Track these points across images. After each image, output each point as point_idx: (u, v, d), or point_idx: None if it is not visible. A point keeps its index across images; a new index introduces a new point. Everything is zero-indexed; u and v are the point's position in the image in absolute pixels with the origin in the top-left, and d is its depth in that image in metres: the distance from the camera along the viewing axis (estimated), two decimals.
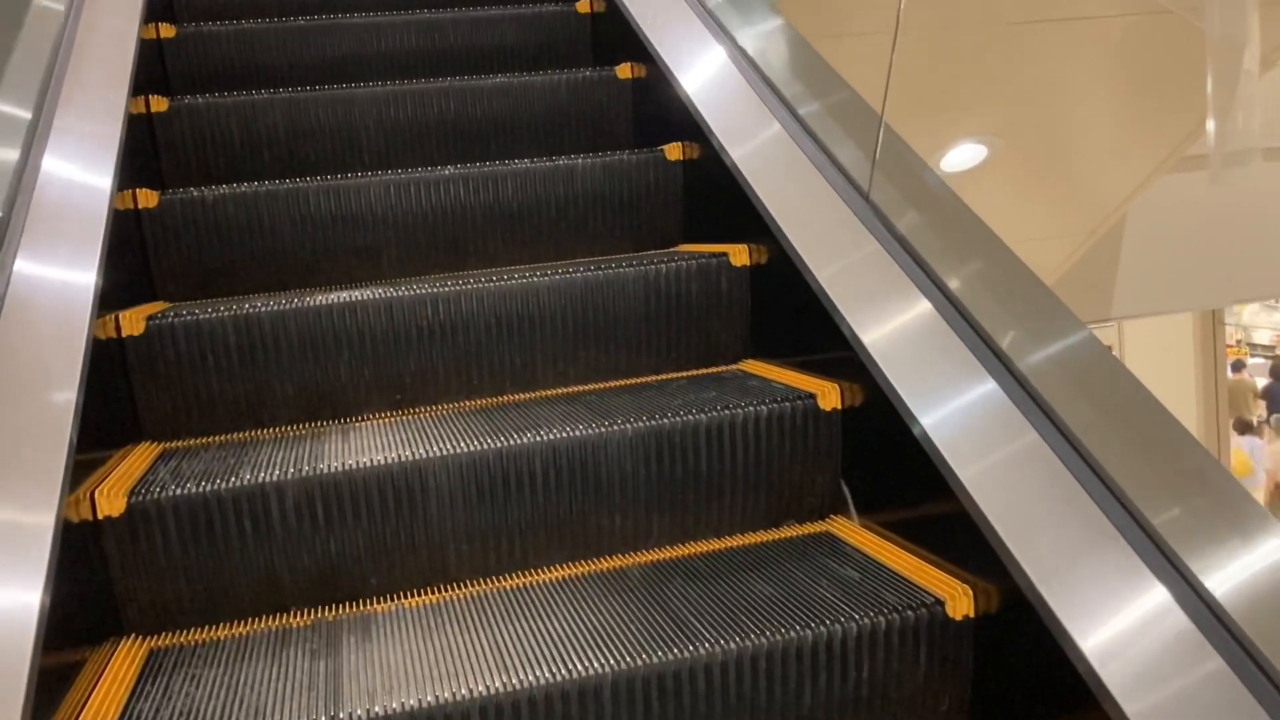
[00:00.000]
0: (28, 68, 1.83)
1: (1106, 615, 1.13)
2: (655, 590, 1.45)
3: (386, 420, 1.79)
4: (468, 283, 1.85)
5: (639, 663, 1.25)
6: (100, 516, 1.42)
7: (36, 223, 1.56)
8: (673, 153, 2.26)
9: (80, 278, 1.58)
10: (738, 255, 1.95)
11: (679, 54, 2.37)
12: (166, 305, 1.90)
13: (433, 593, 1.53)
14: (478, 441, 1.55)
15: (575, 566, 1.58)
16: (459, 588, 1.54)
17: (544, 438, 1.56)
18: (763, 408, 1.63)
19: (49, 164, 1.70)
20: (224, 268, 2.08)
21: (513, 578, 1.56)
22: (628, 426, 1.59)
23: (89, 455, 1.45)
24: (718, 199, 2.10)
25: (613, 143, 2.56)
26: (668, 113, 2.32)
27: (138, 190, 2.00)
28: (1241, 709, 1.01)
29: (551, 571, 1.56)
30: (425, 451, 1.53)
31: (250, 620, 1.49)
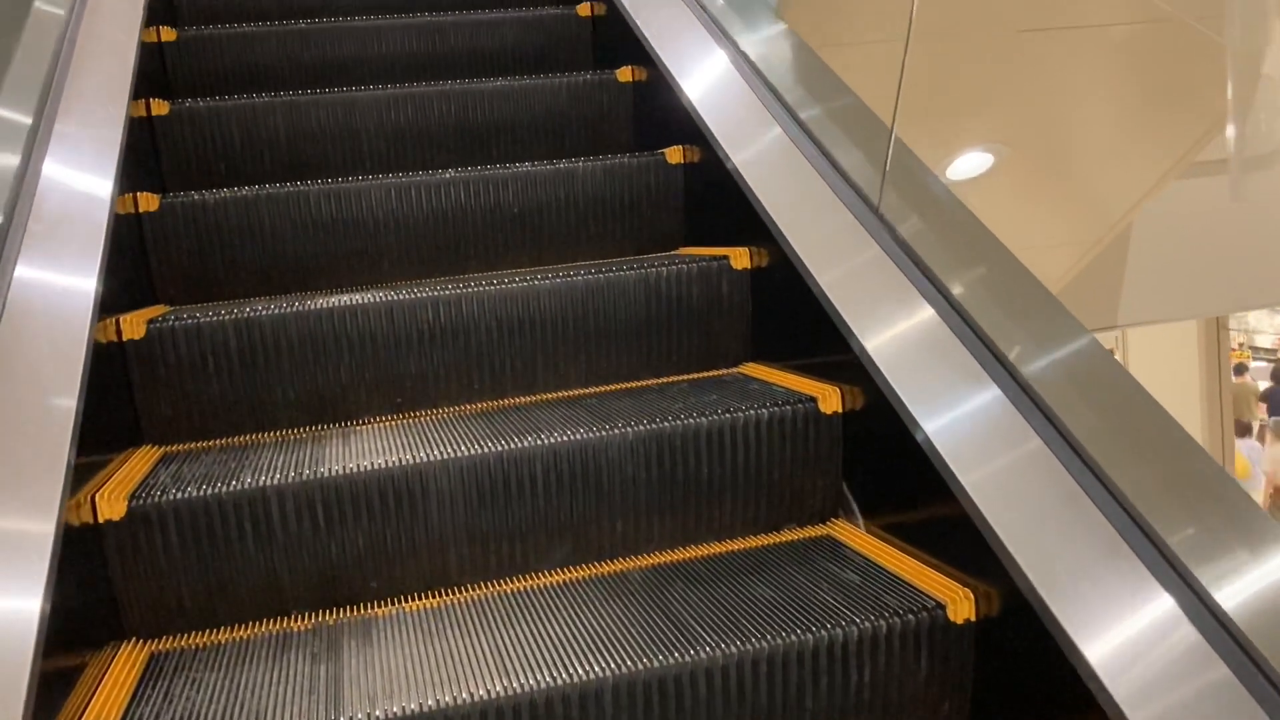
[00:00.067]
0: (28, 72, 1.83)
1: (1109, 621, 1.12)
2: (656, 594, 1.45)
3: (387, 423, 1.79)
4: (468, 286, 1.85)
5: (640, 666, 1.25)
6: (101, 520, 1.42)
7: (37, 226, 1.56)
8: (673, 156, 2.26)
9: (81, 281, 1.58)
10: (738, 258, 1.95)
11: (680, 57, 2.37)
12: (167, 309, 1.91)
13: (433, 596, 1.53)
14: (478, 445, 1.55)
15: (576, 570, 1.57)
16: (460, 591, 1.54)
17: (545, 441, 1.56)
18: (763, 411, 1.63)
19: (50, 167, 1.70)
20: (225, 271, 2.08)
21: (513, 581, 1.56)
22: (629, 430, 1.59)
23: (90, 459, 1.45)
24: (719, 202, 2.10)
25: (613, 146, 2.56)
26: (668, 116, 2.32)
27: (138, 194, 2.00)
28: (1246, 718, 1.00)
29: (552, 575, 1.56)
30: (426, 455, 1.53)
31: (251, 624, 1.49)
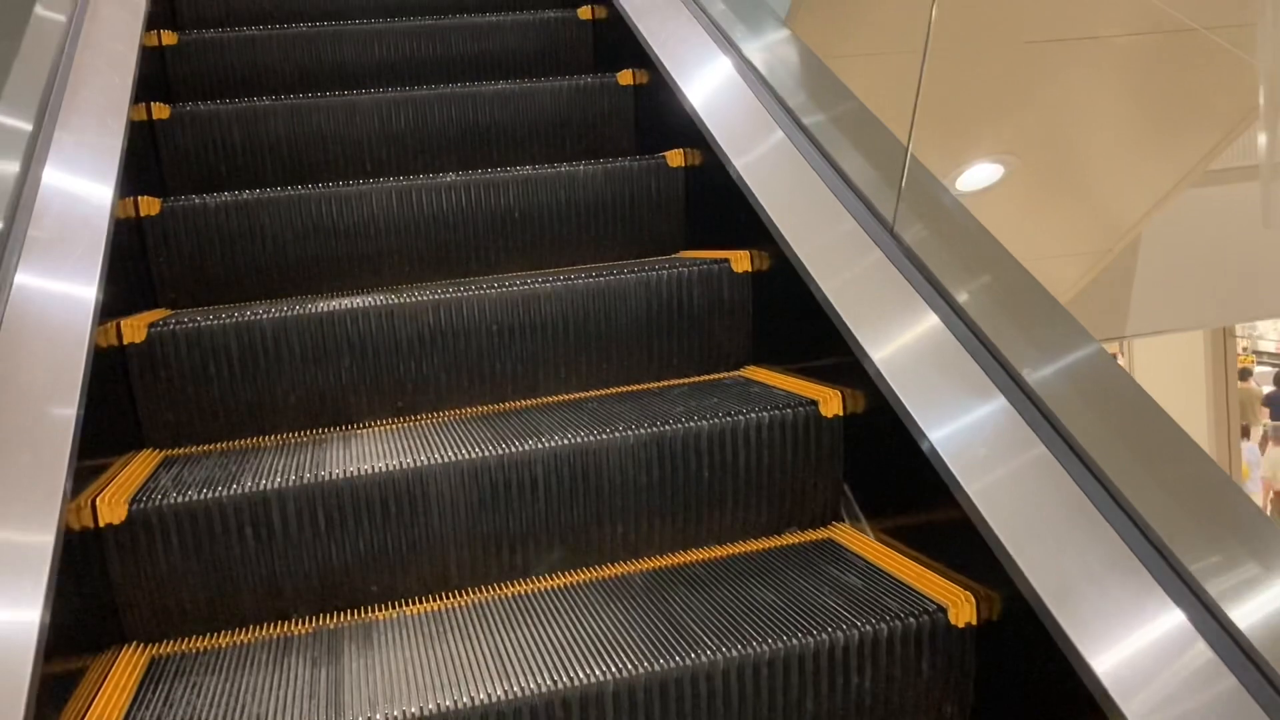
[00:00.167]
0: (29, 78, 1.83)
1: (1113, 626, 1.12)
2: (657, 597, 1.45)
3: (388, 427, 1.79)
4: (469, 289, 1.85)
5: (641, 670, 1.24)
6: (101, 524, 1.42)
7: (38, 230, 1.56)
8: (674, 159, 2.26)
9: (82, 285, 1.58)
10: (739, 262, 1.95)
11: (681, 61, 2.37)
12: (168, 312, 1.91)
13: (434, 600, 1.53)
14: (479, 448, 1.55)
15: (577, 574, 1.57)
16: (460, 595, 1.54)
17: (546, 445, 1.56)
18: (764, 414, 1.62)
19: (50, 172, 1.70)
20: (225, 275, 2.08)
21: (514, 585, 1.55)
22: (629, 433, 1.59)
23: (90, 462, 1.45)
24: (720, 205, 2.10)
25: (614, 149, 2.56)
26: (670, 119, 2.32)
27: (139, 198, 2.00)
28: None
29: (553, 579, 1.56)
30: (427, 458, 1.53)
31: (252, 628, 1.49)
